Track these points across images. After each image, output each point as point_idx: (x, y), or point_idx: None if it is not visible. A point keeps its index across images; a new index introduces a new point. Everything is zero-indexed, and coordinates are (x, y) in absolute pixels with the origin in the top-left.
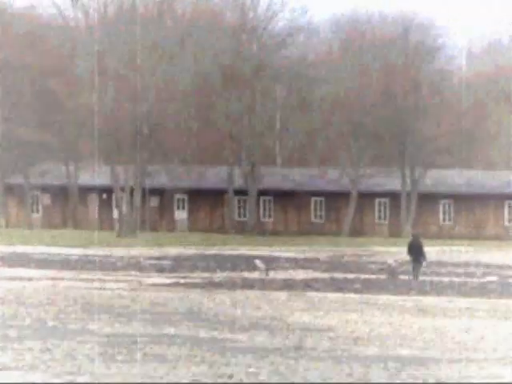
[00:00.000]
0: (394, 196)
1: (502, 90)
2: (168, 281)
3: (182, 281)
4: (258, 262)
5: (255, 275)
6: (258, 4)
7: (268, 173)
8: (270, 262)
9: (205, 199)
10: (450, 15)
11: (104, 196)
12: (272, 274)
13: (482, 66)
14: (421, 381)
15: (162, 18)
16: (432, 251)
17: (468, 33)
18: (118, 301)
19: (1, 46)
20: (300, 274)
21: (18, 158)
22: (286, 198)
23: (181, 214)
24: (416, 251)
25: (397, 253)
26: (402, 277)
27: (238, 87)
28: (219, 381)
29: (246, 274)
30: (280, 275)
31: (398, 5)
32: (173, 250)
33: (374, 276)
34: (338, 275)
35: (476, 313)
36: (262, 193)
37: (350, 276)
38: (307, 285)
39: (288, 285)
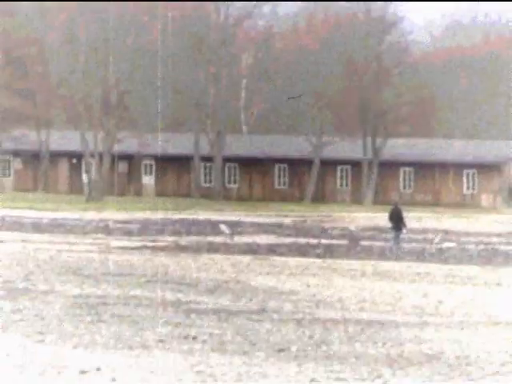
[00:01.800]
0: (355, 164)
1: (461, 64)
2: (135, 244)
3: (149, 244)
4: (222, 226)
5: (220, 239)
6: None
7: (233, 140)
8: (235, 227)
9: (172, 165)
10: None
11: (74, 161)
12: (236, 239)
13: (442, 43)
14: (380, 344)
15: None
16: None
17: (430, 12)
18: (86, 263)
19: None
20: (264, 239)
21: None
22: (250, 164)
23: (148, 180)
24: (396, 219)
25: (358, 219)
26: (362, 242)
27: (204, 56)
28: (184, 341)
29: (212, 238)
30: (244, 240)
31: None
32: (140, 215)
33: (335, 241)
34: (301, 240)
35: (434, 278)
36: (228, 160)
37: (313, 241)
38: (271, 249)
39: (252, 249)
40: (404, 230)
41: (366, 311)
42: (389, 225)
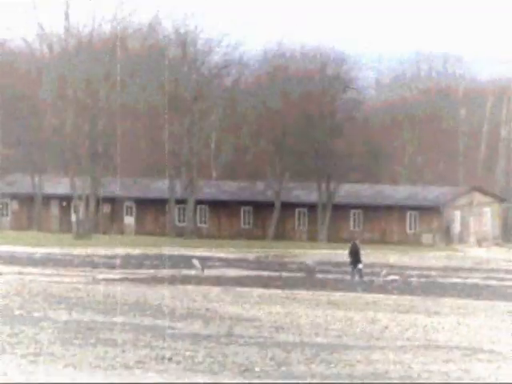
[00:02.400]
0: (311, 206)
1: (406, 115)
2: (118, 276)
3: (130, 276)
4: (195, 261)
5: (192, 272)
6: (197, 40)
7: (204, 185)
8: (206, 262)
9: (150, 207)
10: (361, 50)
11: (64, 203)
12: (207, 272)
13: (389, 95)
14: (333, 365)
15: (115, 52)
16: (343, 254)
17: (377, 66)
18: (75, 293)
19: None
20: (231, 272)
21: None
22: (219, 206)
23: (129, 220)
24: (355, 255)
25: (314, 254)
26: (318, 275)
27: (179, 112)
28: (160, 362)
29: (185, 271)
30: (214, 273)
31: (317, 39)
32: (122, 250)
33: (294, 274)
34: (264, 273)
35: (380, 307)
36: (199, 202)
37: (274, 274)
38: (237, 281)
39: (220, 281)
40: (360, 265)
41: (320, 336)
42: (348, 259)
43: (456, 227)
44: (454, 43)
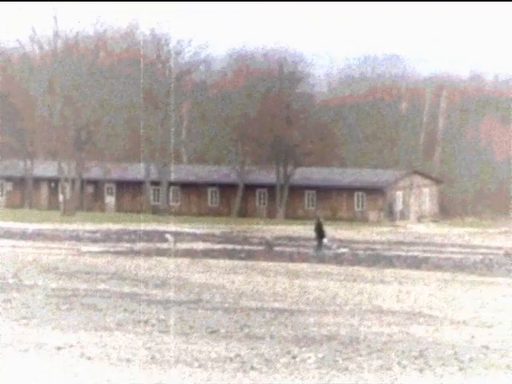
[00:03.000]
0: (270, 187)
1: (352, 110)
2: (100, 249)
3: (111, 249)
4: (168, 235)
5: (165, 246)
6: (170, 42)
7: (176, 169)
8: (177, 236)
9: (128, 188)
10: (314, 51)
11: (52, 184)
12: (178, 245)
13: (339, 92)
14: (290, 327)
15: (98, 52)
16: (300, 229)
17: (328, 65)
18: (62, 263)
19: None
20: (199, 245)
21: None
22: (189, 187)
23: (110, 199)
24: (319, 231)
25: (272, 230)
26: (276, 248)
27: (153, 105)
28: (137, 325)
29: (159, 245)
30: (184, 246)
31: (276, 39)
32: (104, 226)
33: (255, 247)
34: (228, 246)
35: (332, 276)
36: (171, 184)
37: (237, 247)
38: (205, 253)
39: (190, 253)
40: (325, 240)
41: (278, 302)
42: (313, 235)
43: (398, 206)
44: (397, 45)
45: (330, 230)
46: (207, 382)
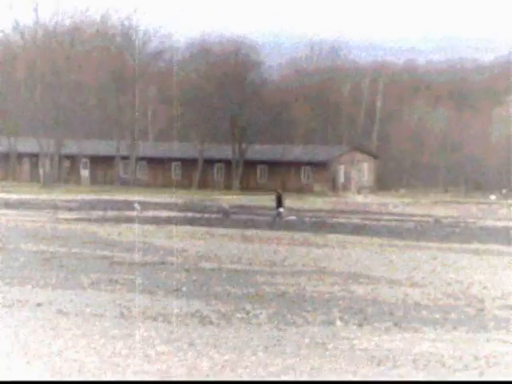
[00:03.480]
0: (227, 162)
1: (299, 94)
2: (75, 217)
3: (85, 217)
4: (135, 205)
5: (134, 214)
6: (138, 32)
7: (143, 145)
8: (144, 205)
9: (101, 162)
10: (267, 39)
11: (33, 159)
12: (145, 213)
13: (288, 76)
14: (243, 286)
15: (73, 41)
16: (254, 199)
17: (279, 55)
18: (41, 229)
19: None
20: (164, 213)
21: None
22: (155, 162)
23: (84, 172)
24: (278, 201)
25: (229, 200)
26: (232, 216)
27: (123, 88)
28: (108, 284)
29: (127, 213)
30: (150, 214)
31: (231, 30)
32: (79, 197)
33: (213, 215)
34: (189, 214)
35: (281, 241)
36: (140, 159)
37: (198, 215)
38: (168, 221)
39: (155, 220)
40: (281, 209)
41: (234, 263)
42: (274, 205)
43: (340, 179)
44: (342, 32)
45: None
46: (170, 334)
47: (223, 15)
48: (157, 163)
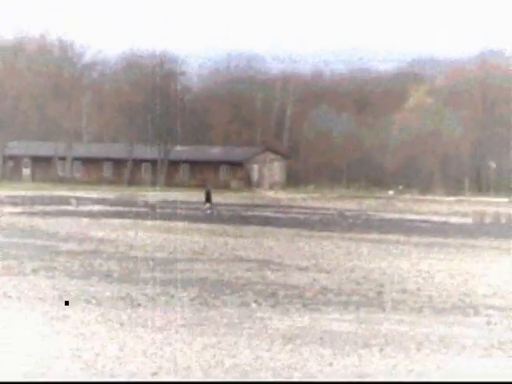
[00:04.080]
0: (153, 162)
1: (216, 101)
2: (18, 210)
3: (27, 211)
4: (72, 200)
5: (70, 208)
6: (74, 45)
7: (78, 147)
8: (79, 200)
9: (41, 162)
10: (189, 51)
11: None
12: (81, 207)
13: (209, 84)
14: (168, 272)
15: (16, 53)
16: (177, 195)
17: (201, 65)
18: None
19: None
20: (97, 208)
21: None
22: (89, 162)
23: (26, 171)
24: (207, 197)
25: (155, 195)
26: (158, 210)
27: (61, 96)
28: (48, 270)
29: (64, 207)
30: (85, 208)
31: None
32: (22, 193)
33: (141, 209)
34: (120, 208)
35: (200, 232)
36: (75, 159)
37: (127, 209)
38: (101, 214)
39: (90, 214)
40: (208, 204)
41: (159, 252)
42: (203, 200)
43: (255, 176)
44: (256, 45)
45: (200, 196)
46: (103, 316)
47: (153, 31)
48: (91, 163)
